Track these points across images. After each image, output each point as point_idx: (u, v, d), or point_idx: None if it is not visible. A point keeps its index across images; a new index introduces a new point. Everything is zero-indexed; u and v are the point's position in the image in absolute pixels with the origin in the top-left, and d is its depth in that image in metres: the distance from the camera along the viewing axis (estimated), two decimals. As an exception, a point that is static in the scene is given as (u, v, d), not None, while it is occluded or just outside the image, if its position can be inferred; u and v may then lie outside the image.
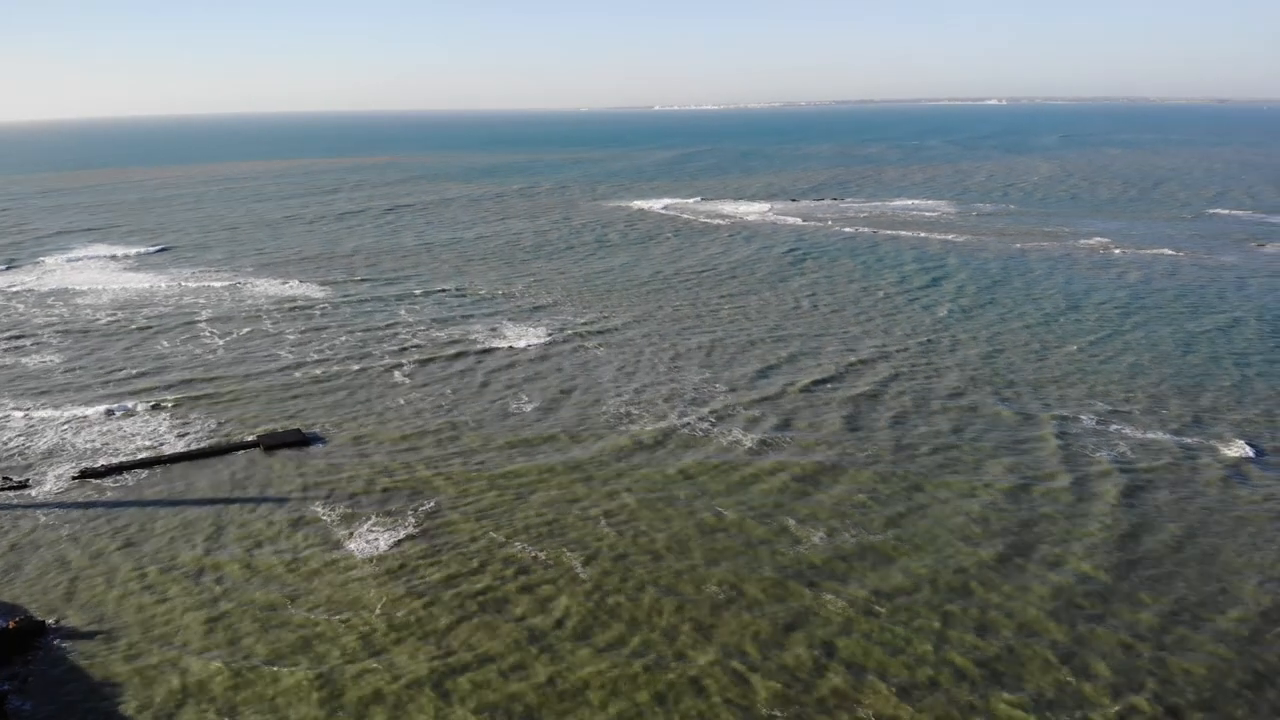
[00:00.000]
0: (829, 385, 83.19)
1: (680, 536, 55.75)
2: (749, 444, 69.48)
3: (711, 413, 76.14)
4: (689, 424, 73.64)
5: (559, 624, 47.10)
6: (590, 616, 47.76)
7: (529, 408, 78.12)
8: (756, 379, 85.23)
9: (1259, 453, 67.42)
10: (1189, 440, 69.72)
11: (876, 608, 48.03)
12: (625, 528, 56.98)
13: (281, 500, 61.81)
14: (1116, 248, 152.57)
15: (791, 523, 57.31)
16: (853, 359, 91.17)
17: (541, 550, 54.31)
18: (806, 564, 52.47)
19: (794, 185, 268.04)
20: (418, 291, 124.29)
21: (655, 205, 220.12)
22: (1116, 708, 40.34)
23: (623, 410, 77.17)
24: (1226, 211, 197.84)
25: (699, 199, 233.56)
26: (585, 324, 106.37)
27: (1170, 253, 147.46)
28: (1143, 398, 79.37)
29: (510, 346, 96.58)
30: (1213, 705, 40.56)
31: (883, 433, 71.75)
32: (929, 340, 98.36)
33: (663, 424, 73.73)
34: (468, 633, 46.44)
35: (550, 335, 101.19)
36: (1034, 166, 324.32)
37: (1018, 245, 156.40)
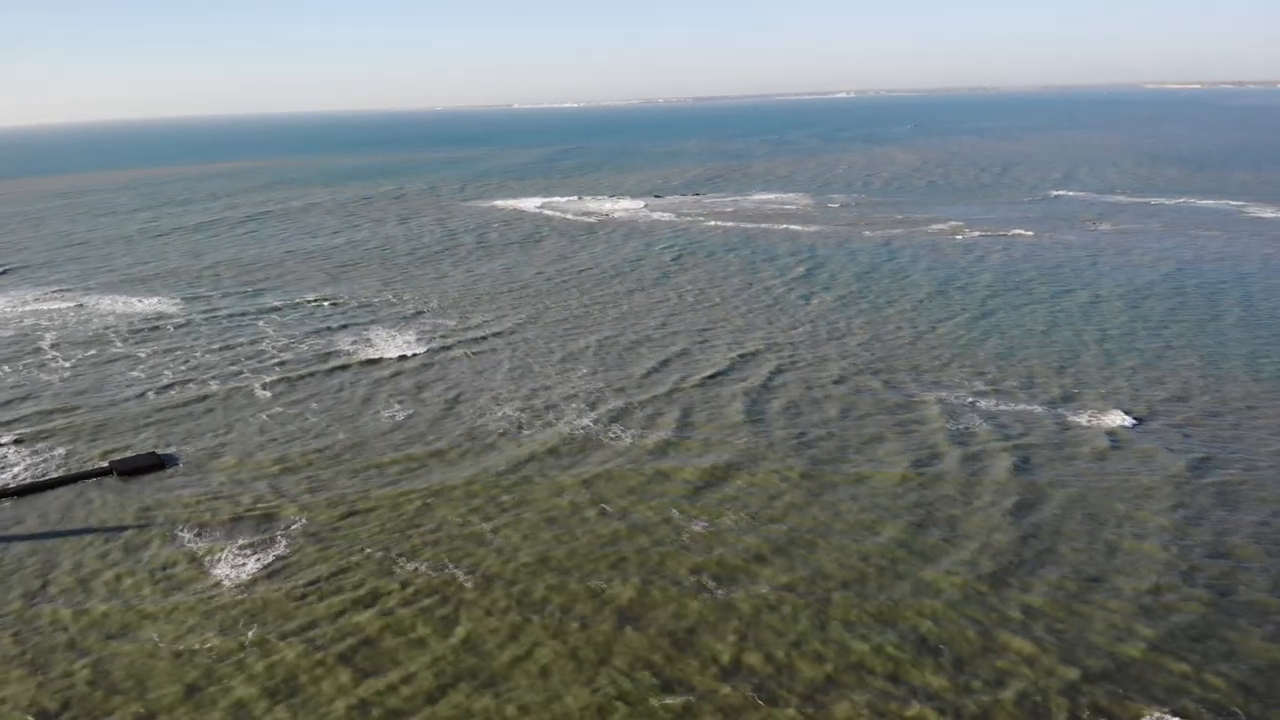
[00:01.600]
0: (719, 380, 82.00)
1: (580, 549, 53.17)
2: (646, 446, 67.42)
3: (605, 416, 73.78)
4: (583, 429, 71.10)
5: (453, 649, 43.75)
6: (487, 638, 44.59)
7: (410, 421, 74.02)
8: (647, 378, 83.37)
9: (1136, 420, 69.43)
10: (1068, 413, 71.27)
11: (786, 604, 46.65)
12: (520, 543, 54.00)
13: (138, 527, 56.66)
14: (974, 231, 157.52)
15: (696, 525, 55.49)
16: (739, 353, 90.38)
17: (429, 572, 50.78)
18: (713, 566, 50.68)
19: (667, 181, 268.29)
20: (284, 303, 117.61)
21: (531, 204, 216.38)
22: (1031, 682, 39.80)
23: (513, 419, 73.97)
24: (1069, 193, 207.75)
25: (575, 197, 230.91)
26: (467, 330, 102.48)
27: (1023, 233, 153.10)
28: (1017, 374, 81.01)
29: (387, 357, 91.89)
30: (1121, 673, 40.43)
31: (777, 425, 70.81)
32: (808, 330, 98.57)
33: (556, 431, 70.96)
34: (350, 661, 42.60)
35: (430, 344, 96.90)
36: (891, 156, 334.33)
37: (882, 233, 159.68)
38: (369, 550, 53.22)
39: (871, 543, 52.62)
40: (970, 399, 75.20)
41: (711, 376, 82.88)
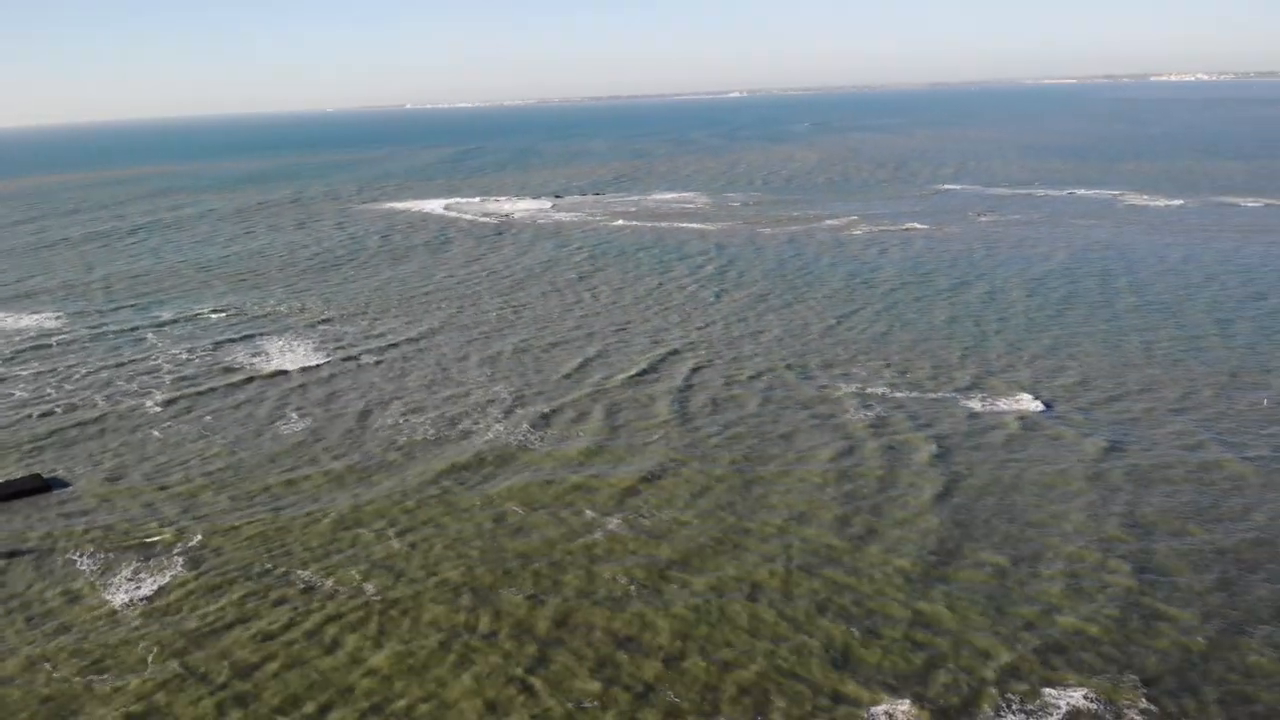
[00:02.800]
0: (638, 381, 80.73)
1: (504, 562, 51.09)
2: (568, 452, 65.64)
3: (525, 422, 71.70)
4: (502, 437, 68.92)
5: (372, 674, 41.33)
6: (399, 663, 42.27)
7: (317, 436, 70.65)
8: (566, 381, 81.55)
9: (1045, 405, 70.67)
10: (980, 400, 72.19)
11: (720, 605, 45.53)
12: (439, 561, 51.66)
13: (23, 553, 52.36)
14: (871, 226, 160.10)
15: (623, 531, 54.00)
16: (656, 352, 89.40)
17: (340, 596, 48.05)
18: (643, 571, 49.25)
19: (573, 181, 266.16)
20: (179, 316, 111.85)
21: (435, 206, 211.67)
22: (966, 662, 39.47)
23: (429, 429, 71.27)
24: (959, 187, 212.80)
25: (480, 198, 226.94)
26: (376, 338, 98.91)
27: (918, 227, 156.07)
28: (926, 364, 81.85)
29: (290, 369, 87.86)
30: (1052, 649, 40.45)
31: (699, 425, 69.85)
32: (722, 328, 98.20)
33: (474, 440, 68.60)
34: (250, 699, 39.83)
35: (337, 353, 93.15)
36: (791, 154, 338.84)
37: (785, 230, 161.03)
38: (271, 576, 50.17)
39: (801, 536, 52.00)
40: (885, 390, 75.58)
41: (630, 377, 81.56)
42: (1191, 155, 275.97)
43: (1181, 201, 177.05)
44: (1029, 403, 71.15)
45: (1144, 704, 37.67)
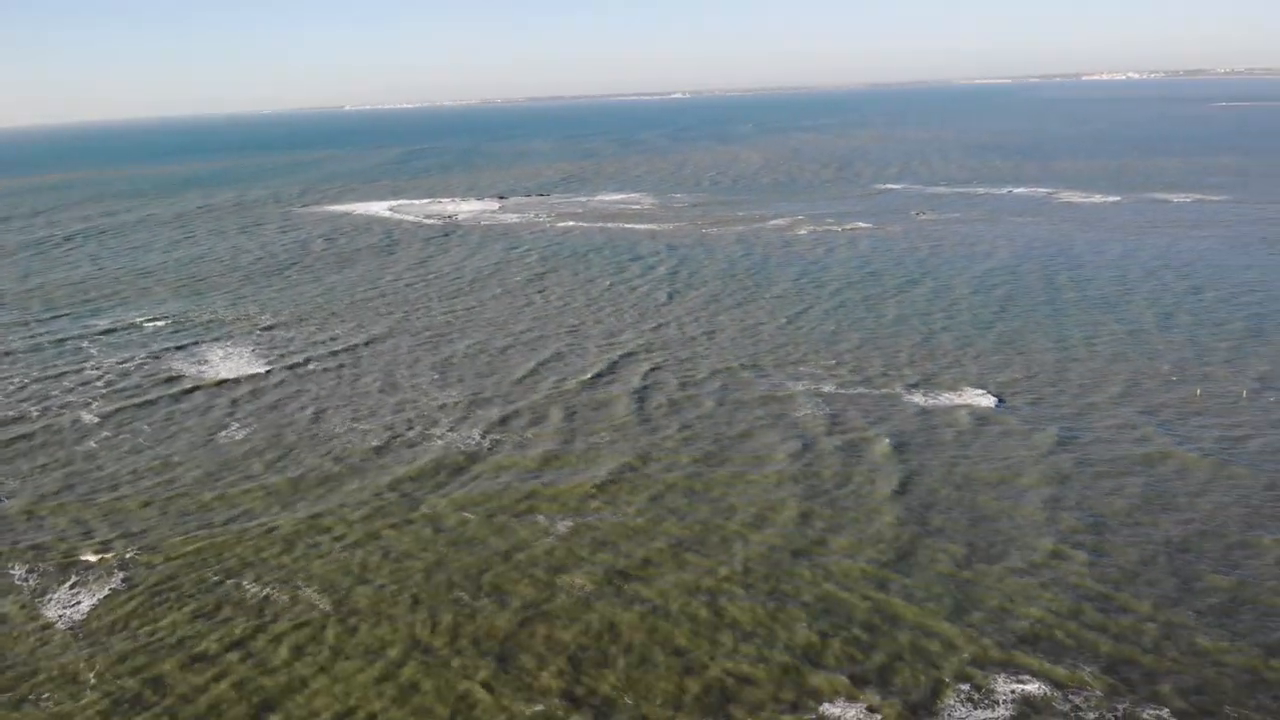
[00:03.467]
0: (594, 384, 79.81)
1: (461, 576, 49.85)
2: (525, 457, 64.54)
3: (480, 427, 70.42)
4: (457, 443, 67.56)
5: (325, 693, 39.94)
6: (351, 681, 40.94)
7: (263, 447, 68.60)
8: (521, 384, 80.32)
9: (998, 399, 71.27)
10: (934, 395, 72.53)
11: (685, 607, 44.83)
12: (395, 574, 50.26)
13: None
14: (817, 226, 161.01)
15: (583, 537, 53.06)
16: (611, 355, 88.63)
17: (291, 614, 46.48)
18: (604, 577, 48.36)
19: (520, 182, 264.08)
20: (118, 325, 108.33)
21: (381, 208, 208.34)
22: (934, 654, 39.25)
23: (380, 437, 69.62)
24: (901, 186, 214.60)
25: (427, 199, 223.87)
26: (325, 343, 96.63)
27: (863, 226, 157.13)
28: (879, 362, 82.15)
29: (235, 377, 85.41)
30: (1015, 639, 40.44)
31: (657, 427, 69.19)
32: (675, 328, 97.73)
33: (428, 447, 67.15)
34: (200, 705, 38.32)
35: (284, 360, 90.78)
36: (736, 154, 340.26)
37: (733, 230, 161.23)
38: (216, 593, 48.37)
39: (762, 536, 51.58)
40: (839, 388, 75.60)
41: (584, 380, 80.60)
42: (1124, 153, 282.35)
43: (1115, 198, 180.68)
44: (980, 397, 71.67)
45: (1100, 693, 37.77)
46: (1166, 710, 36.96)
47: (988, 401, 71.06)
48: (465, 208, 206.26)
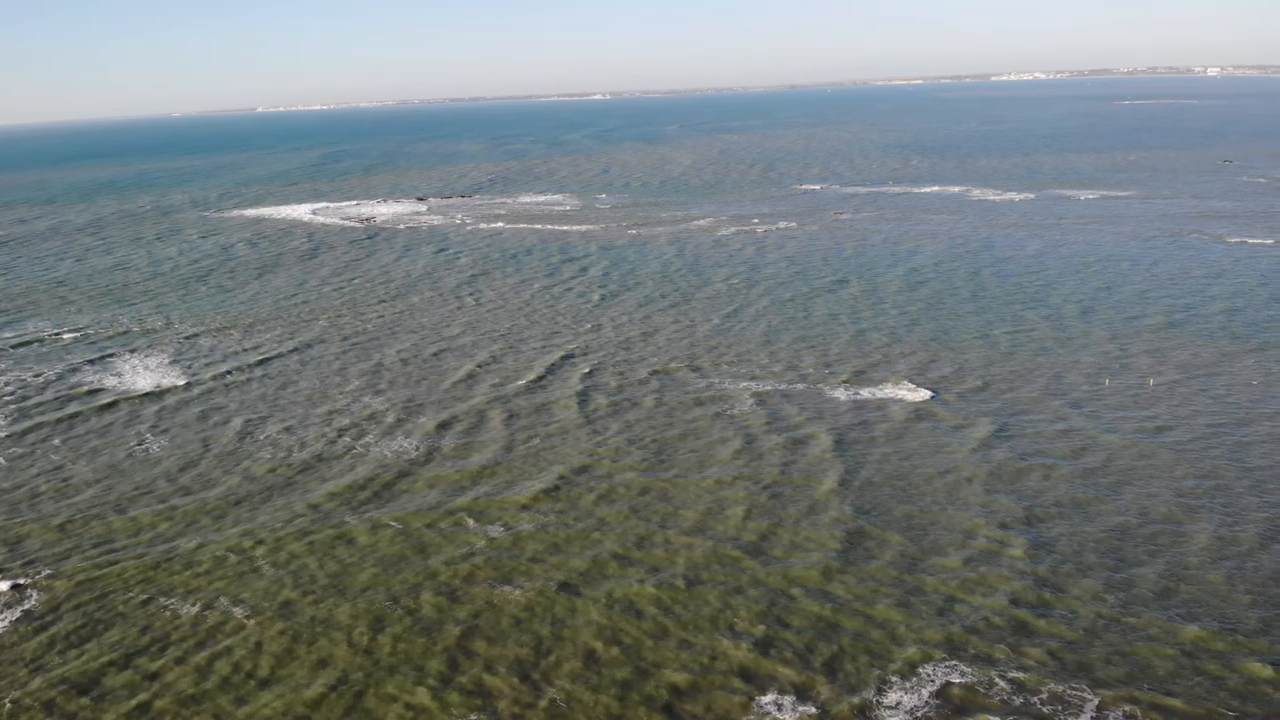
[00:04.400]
0: (532, 389, 78.60)
1: (403, 590, 48.32)
2: (465, 469, 62.94)
3: (416, 438, 68.54)
4: (392, 456, 65.67)
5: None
6: (290, 707, 39.30)
7: (185, 462, 65.76)
8: (456, 391, 78.66)
9: (933, 394, 72.15)
10: (872, 391, 73.03)
11: (635, 612, 43.99)
12: (327, 589, 48.49)
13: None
14: (742, 226, 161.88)
15: (528, 545, 51.87)
16: (545, 359, 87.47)
17: (220, 633, 44.49)
18: (554, 587, 47.30)
19: (448, 183, 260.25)
20: (32, 338, 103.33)
21: (304, 212, 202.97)
22: (879, 665, 39.23)
23: (311, 449, 67.35)
24: (820, 187, 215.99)
25: (351, 202, 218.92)
26: (250, 353, 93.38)
27: (786, 226, 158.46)
28: (814, 359, 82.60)
29: (156, 390, 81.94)
30: (960, 637, 40.72)
31: (600, 431, 68.38)
32: (608, 330, 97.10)
33: (361, 460, 65.16)
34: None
35: (207, 372, 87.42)
36: (664, 155, 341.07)
37: (664, 230, 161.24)
38: (140, 617, 46.05)
39: (709, 536, 51.08)
40: (777, 386, 75.71)
41: (521, 385, 79.30)
42: (1034, 151, 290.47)
43: (1026, 195, 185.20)
44: (915, 392, 72.50)
45: (1039, 679, 38.14)
46: (1105, 693, 37.48)
47: (922, 395, 71.93)
48: (390, 210, 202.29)
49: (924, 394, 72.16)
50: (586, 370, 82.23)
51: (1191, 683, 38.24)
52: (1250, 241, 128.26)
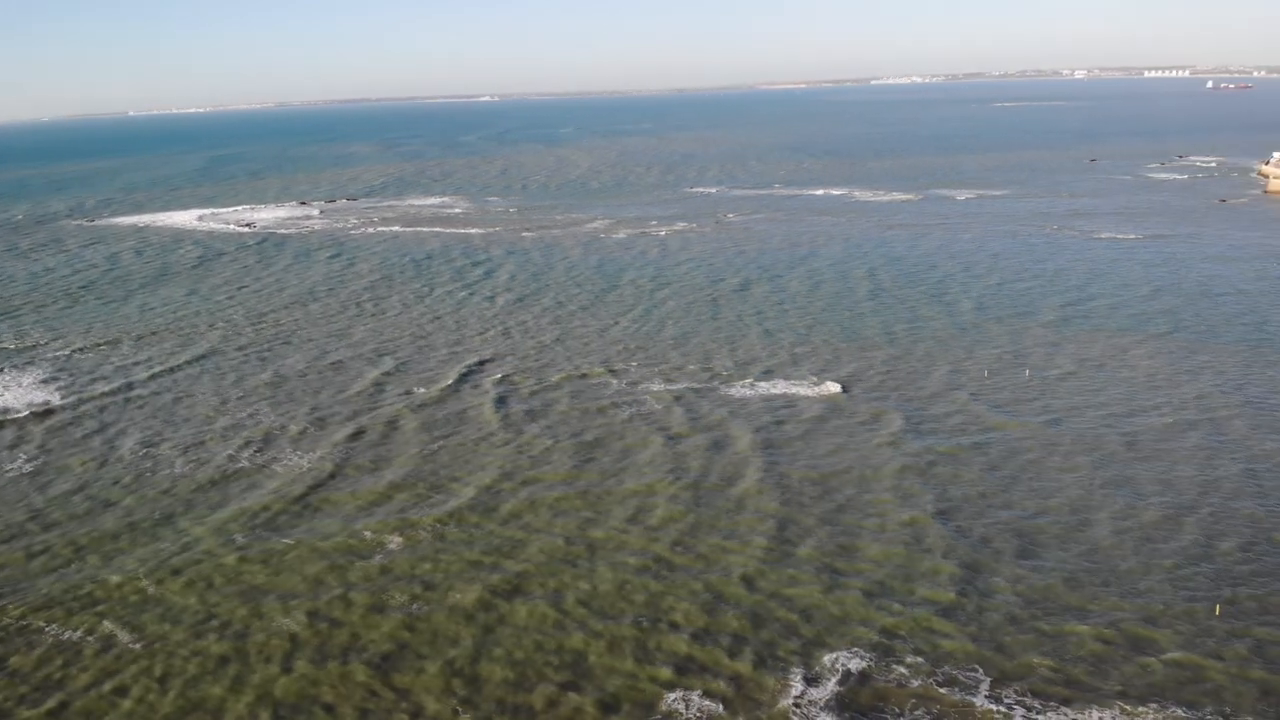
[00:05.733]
0: (445, 398, 76.51)
1: (324, 615, 46.20)
2: (378, 484, 60.54)
3: (325, 452, 65.71)
4: (299, 473, 62.77)
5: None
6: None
7: (75, 487, 61.53)
8: (367, 400, 75.88)
9: (844, 388, 73.24)
10: (787, 388, 73.70)
11: (570, 617, 43.07)
12: (247, 624, 46.04)
13: None
14: (633, 229, 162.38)
15: (443, 559, 50.27)
16: (460, 365, 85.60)
17: (105, 670, 41.71)
18: (483, 600, 45.90)
19: (341, 187, 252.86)
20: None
21: (191, 219, 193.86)
22: (811, 661, 39.32)
23: (213, 468, 63.89)
24: (714, 190, 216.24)
25: (242, 207, 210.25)
26: (142, 367, 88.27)
27: (679, 228, 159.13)
28: (725, 358, 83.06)
29: (40, 410, 76.52)
30: (889, 625, 41.10)
31: (517, 439, 66.94)
32: (500, 333, 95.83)
33: (268, 477, 62.08)
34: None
35: (97, 388, 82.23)
36: (562, 157, 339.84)
37: (562, 233, 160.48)
38: (23, 656, 42.83)
39: (638, 536, 50.43)
40: (696, 386, 75.57)
41: (432, 393, 77.13)
42: (915, 153, 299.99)
43: (910, 196, 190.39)
44: (826, 387, 73.49)
45: (966, 662, 38.86)
46: (1034, 679, 38.40)
47: (833, 390, 72.99)
48: (282, 215, 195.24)
49: (835, 389, 73.23)
50: (500, 376, 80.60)
51: (1108, 669, 39.48)
52: (1118, 237, 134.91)
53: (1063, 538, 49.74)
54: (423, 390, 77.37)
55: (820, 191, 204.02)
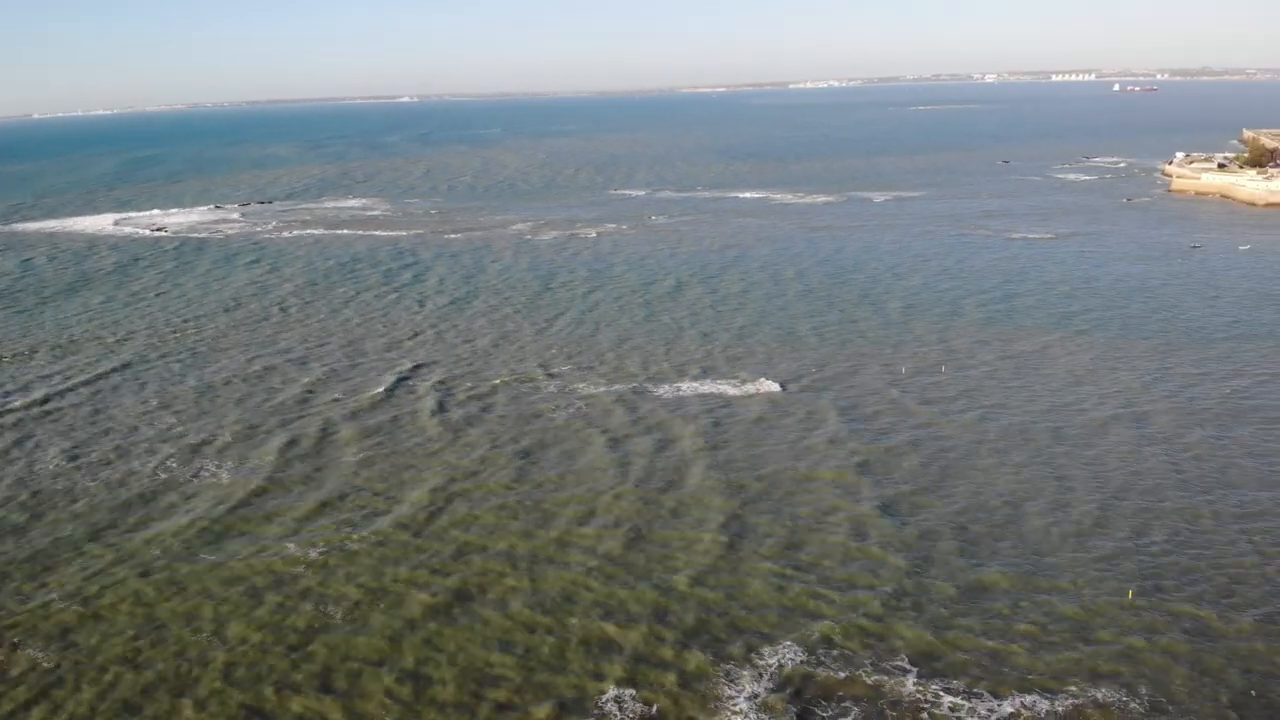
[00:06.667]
0: (380, 405, 74.57)
1: (273, 640, 44.44)
2: (314, 502, 58.34)
3: (256, 464, 63.36)
4: (230, 492, 60.35)
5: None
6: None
7: None
8: (299, 411, 73.49)
9: (783, 387, 73.76)
10: (726, 388, 73.81)
11: (525, 625, 42.12)
12: (178, 658, 44.04)
13: None
14: (560, 230, 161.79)
15: (393, 572, 48.83)
16: (393, 371, 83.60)
17: (31, 698, 39.53)
18: (436, 606, 44.67)
19: (264, 190, 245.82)
20: None
21: (108, 224, 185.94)
22: (753, 657, 39.19)
23: (138, 485, 61.10)
24: (640, 193, 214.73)
25: (161, 212, 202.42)
26: (61, 379, 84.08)
27: (607, 229, 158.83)
28: (664, 360, 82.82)
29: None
30: (838, 621, 41.23)
31: (455, 447, 65.60)
32: (432, 337, 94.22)
33: (196, 492, 59.52)
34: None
35: (13, 402, 78.13)
36: (493, 158, 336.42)
37: (479, 235, 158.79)
38: (-17, 678, 40.28)
39: (590, 537, 49.72)
40: (636, 387, 75.07)
41: (366, 400, 75.08)
42: (837, 155, 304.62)
43: (829, 198, 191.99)
44: (765, 386, 73.84)
45: (903, 661, 39.17)
46: (972, 674, 38.87)
47: (772, 388, 73.33)
48: (203, 218, 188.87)
49: (773, 387, 73.55)
50: (435, 381, 78.91)
51: (1044, 660, 40.16)
52: (1031, 236, 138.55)
53: (996, 531, 50.58)
54: (356, 397, 75.34)
55: (746, 194, 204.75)
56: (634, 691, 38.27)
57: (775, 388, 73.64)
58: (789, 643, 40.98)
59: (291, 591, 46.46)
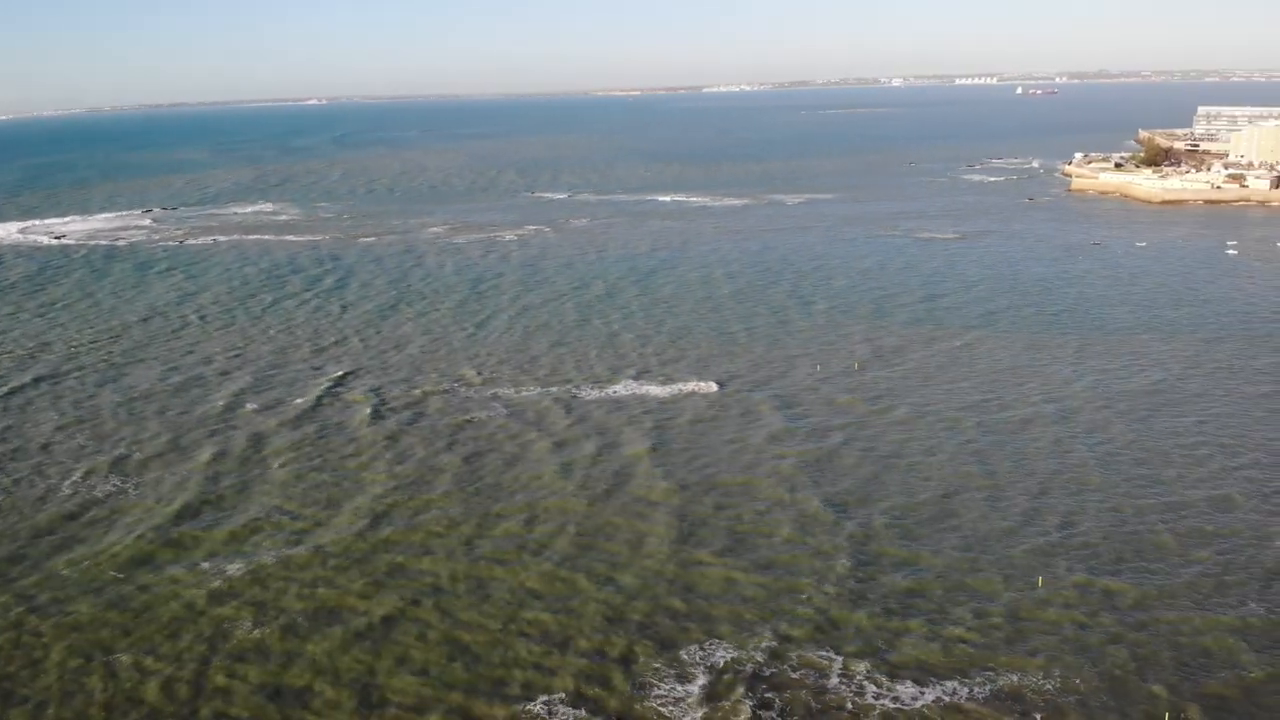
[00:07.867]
0: (311, 415, 72.01)
1: (202, 651, 42.29)
2: (250, 519, 56.00)
3: (183, 479, 60.47)
4: (157, 510, 57.48)
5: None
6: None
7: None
8: (227, 422, 70.42)
9: (720, 384, 73.87)
10: (667, 389, 73.57)
11: (480, 625, 40.86)
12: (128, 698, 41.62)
13: None
14: (480, 234, 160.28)
15: (351, 582, 47.00)
16: (322, 379, 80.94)
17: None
18: (402, 611, 43.01)
19: (179, 195, 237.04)
20: None
21: (12, 231, 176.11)
22: (696, 652, 38.83)
23: (59, 504, 57.73)
24: (562, 195, 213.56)
25: (70, 219, 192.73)
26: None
27: (528, 231, 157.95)
28: (600, 362, 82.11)
29: None
30: (783, 618, 41.13)
31: (402, 453, 63.48)
32: (360, 343, 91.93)
33: (123, 515, 56.54)
34: None
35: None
36: (413, 160, 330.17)
37: (399, 239, 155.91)
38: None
39: (538, 538, 48.65)
40: (575, 390, 74.10)
41: (296, 410, 72.45)
42: (748, 158, 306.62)
43: (747, 201, 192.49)
44: (704, 386, 73.77)
45: (828, 651, 39.31)
46: (920, 670, 39.18)
47: (711, 387, 73.33)
48: (115, 225, 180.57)
49: (712, 387, 73.50)
50: (366, 388, 76.57)
51: (1012, 655, 40.73)
52: (938, 236, 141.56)
53: (929, 524, 51.21)
54: (284, 406, 72.62)
55: (665, 197, 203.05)
56: (584, 691, 37.46)
57: (713, 387, 73.56)
58: (730, 639, 40.95)
59: (229, 609, 44.27)
